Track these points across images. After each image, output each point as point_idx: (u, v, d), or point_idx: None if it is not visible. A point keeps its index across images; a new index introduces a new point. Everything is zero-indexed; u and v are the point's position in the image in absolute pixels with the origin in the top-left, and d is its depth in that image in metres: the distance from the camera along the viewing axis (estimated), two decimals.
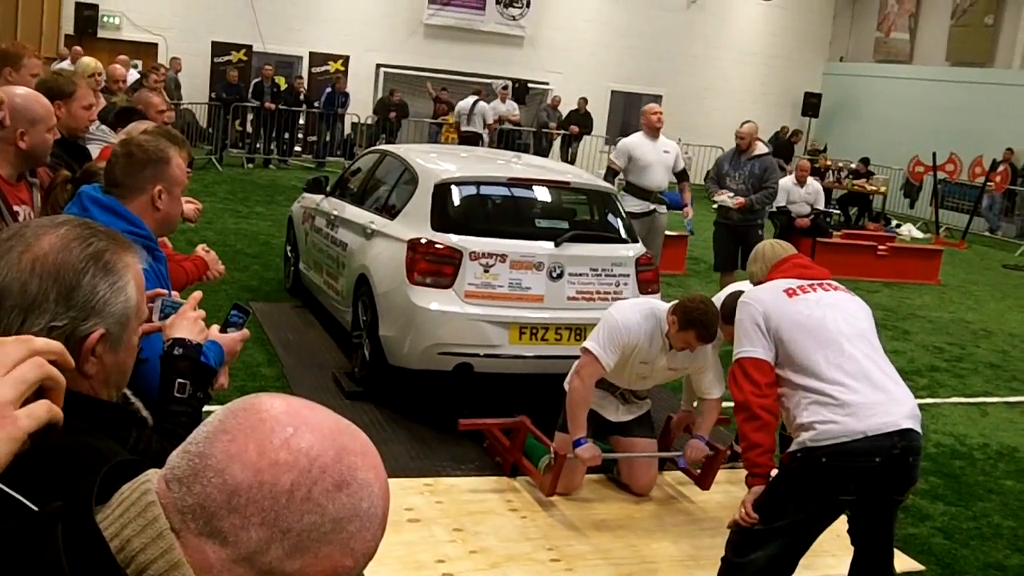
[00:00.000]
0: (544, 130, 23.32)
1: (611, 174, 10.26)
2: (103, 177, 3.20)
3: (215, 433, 1.11)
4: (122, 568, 1.06)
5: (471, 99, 21.61)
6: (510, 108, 22.36)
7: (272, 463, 1.08)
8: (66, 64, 14.92)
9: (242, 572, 1.07)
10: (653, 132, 10.32)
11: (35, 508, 1.18)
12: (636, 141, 10.40)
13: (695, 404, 6.39)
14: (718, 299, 5.90)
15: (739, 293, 5.51)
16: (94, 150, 5.21)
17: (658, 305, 5.85)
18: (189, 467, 1.10)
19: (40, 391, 1.22)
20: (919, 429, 4.08)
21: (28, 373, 1.21)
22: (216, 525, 1.07)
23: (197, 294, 2.70)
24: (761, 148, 10.73)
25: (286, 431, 1.10)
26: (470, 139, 20.61)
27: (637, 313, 5.70)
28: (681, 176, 10.71)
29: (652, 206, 10.17)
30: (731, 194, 10.37)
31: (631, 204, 9.80)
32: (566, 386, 5.84)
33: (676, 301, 5.66)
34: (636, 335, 5.60)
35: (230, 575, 1.07)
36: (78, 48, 18.08)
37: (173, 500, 1.09)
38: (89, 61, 9.06)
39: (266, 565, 1.07)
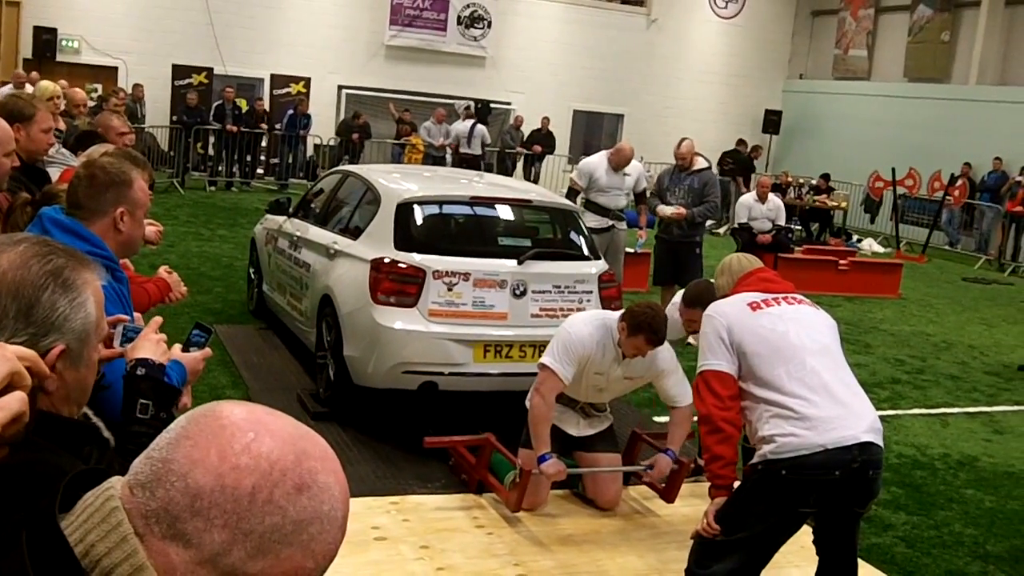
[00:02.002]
0: (508, 150, 23.37)
1: (573, 194, 10.37)
2: (65, 199, 3.19)
3: (177, 439, 1.13)
4: (87, 572, 1.08)
5: (468, 122, 21.79)
6: (463, 129, 22.35)
7: (233, 467, 1.10)
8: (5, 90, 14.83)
9: (205, 574, 1.09)
10: (618, 167, 10.40)
11: None
12: (598, 163, 10.47)
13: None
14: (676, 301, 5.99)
15: (707, 280, 5.58)
16: (54, 173, 5.18)
17: (608, 315, 5.93)
18: (152, 472, 1.11)
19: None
20: (880, 443, 4.12)
21: None
22: (179, 528, 1.08)
23: (158, 319, 2.69)
24: (701, 163, 10.78)
25: (247, 436, 1.12)
26: (471, 162, 20.71)
27: (588, 324, 5.79)
28: (640, 198, 10.80)
29: (611, 222, 10.28)
30: (674, 207, 10.43)
31: (590, 220, 9.89)
32: (527, 403, 5.88)
33: (624, 309, 5.74)
34: (589, 346, 5.68)
35: None
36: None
37: (137, 505, 1.11)
38: (48, 84, 9.03)
39: (229, 567, 1.09)
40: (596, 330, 5.76)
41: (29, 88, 14.31)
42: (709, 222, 11.73)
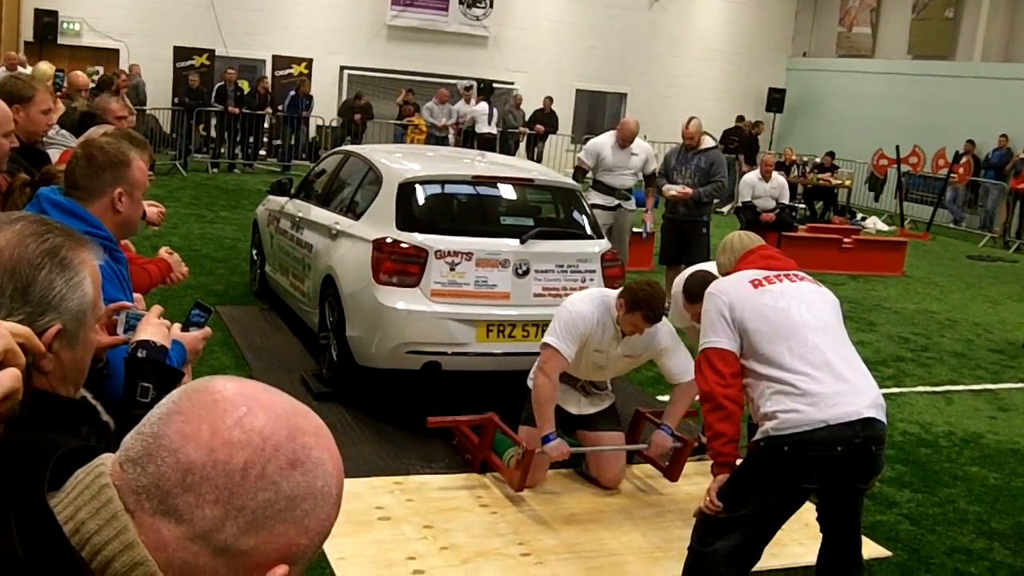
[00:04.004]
0: (510, 130, 23.31)
1: (580, 173, 10.36)
2: (63, 180, 3.18)
3: (168, 414, 1.12)
4: (77, 551, 1.07)
5: (483, 104, 21.92)
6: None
7: (225, 442, 1.08)
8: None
9: (197, 550, 1.07)
10: (624, 142, 10.39)
11: None
12: (605, 142, 10.46)
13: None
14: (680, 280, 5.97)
15: (703, 271, 5.56)
16: (53, 154, 5.18)
17: (607, 293, 5.94)
18: (143, 447, 1.10)
19: None
20: (883, 418, 4.11)
21: None
22: (171, 503, 1.07)
23: (158, 307, 2.68)
24: (708, 142, 10.75)
25: (239, 411, 1.11)
26: (491, 142, 20.78)
27: (588, 303, 5.81)
28: (650, 180, 10.76)
29: (617, 201, 10.28)
30: (680, 187, 10.42)
31: (596, 197, 9.90)
32: (530, 383, 5.89)
33: (623, 286, 5.75)
34: (589, 323, 5.71)
35: (185, 553, 1.07)
36: None
37: (127, 481, 1.10)
38: (46, 67, 9.01)
39: (221, 543, 1.07)
40: (596, 308, 5.77)
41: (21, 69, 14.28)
42: (715, 201, 11.70)
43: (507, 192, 7.67)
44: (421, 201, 7.13)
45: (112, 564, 1.07)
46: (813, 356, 4.13)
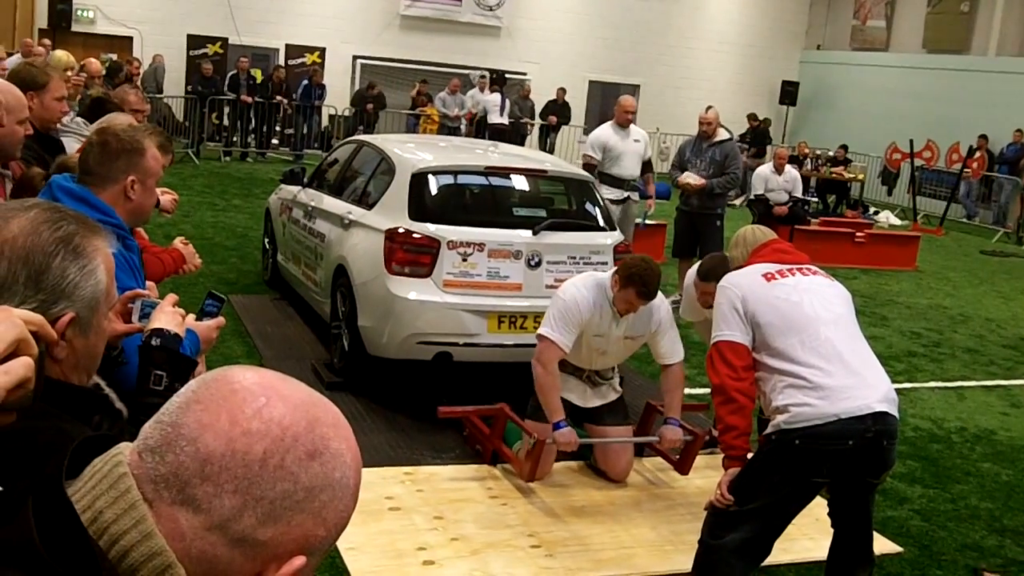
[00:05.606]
0: (521, 120, 23.24)
1: (589, 169, 10.30)
2: (77, 166, 3.18)
3: (187, 403, 1.11)
4: (94, 540, 1.06)
5: (495, 94, 21.81)
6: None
7: (245, 432, 1.08)
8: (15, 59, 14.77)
9: (215, 540, 1.07)
10: (623, 124, 10.37)
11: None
12: (607, 133, 10.43)
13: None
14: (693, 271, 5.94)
15: (720, 254, 5.53)
16: (69, 143, 5.17)
17: (601, 275, 5.89)
18: (162, 437, 1.10)
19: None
20: (895, 413, 4.10)
21: (4, 333, 1.22)
22: (189, 493, 1.07)
23: (173, 296, 2.67)
24: (723, 134, 10.76)
25: (258, 401, 1.10)
26: (501, 132, 20.79)
27: (582, 288, 5.78)
28: (646, 167, 10.76)
29: (626, 193, 10.26)
30: (694, 177, 10.41)
31: (605, 191, 9.88)
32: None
33: (619, 263, 5.74)
34: (586, 308, 5.69)
35: (203, 543, 1.07)
36: None
37: (146, 470, 1.09)
38: (62, 55, 9.01)
39: (239, 533, 1.07)
40: (591, 292, 5.74)
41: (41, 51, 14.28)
42: (730, 193, 11.68)
43: (520, 183, 7.65)
44: (434, 191, 7.12)
45: (129, 554, 1.06)
46: (825, 350, 4.12)
